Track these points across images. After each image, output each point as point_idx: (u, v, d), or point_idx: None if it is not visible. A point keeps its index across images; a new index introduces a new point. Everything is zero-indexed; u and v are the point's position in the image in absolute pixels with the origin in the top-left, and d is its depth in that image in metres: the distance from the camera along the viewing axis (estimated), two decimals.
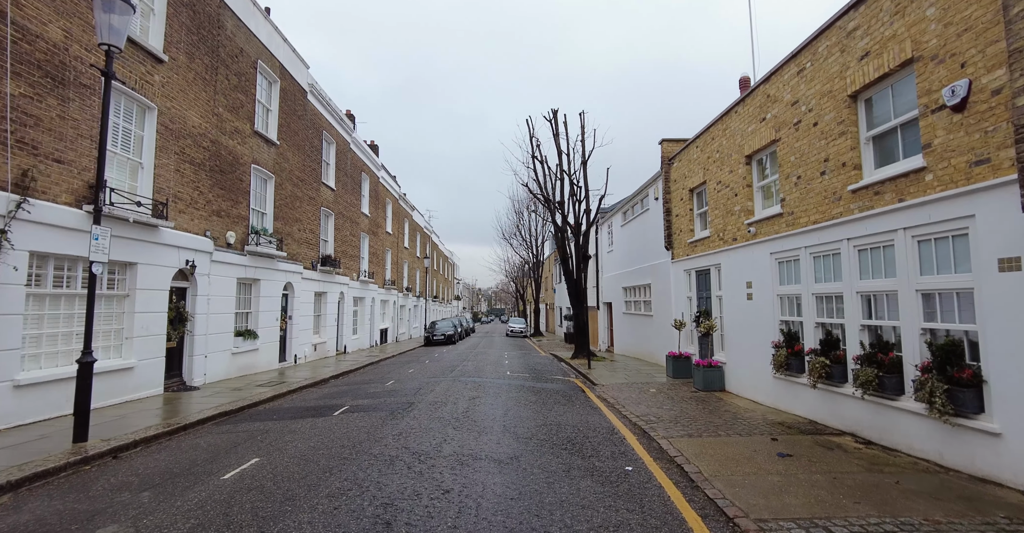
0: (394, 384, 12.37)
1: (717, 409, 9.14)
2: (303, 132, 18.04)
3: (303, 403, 10.00)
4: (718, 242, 11.59)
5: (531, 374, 14.48)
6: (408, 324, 37.67)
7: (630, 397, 10.44)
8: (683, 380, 12.67)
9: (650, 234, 16.58)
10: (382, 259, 29.25)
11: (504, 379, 13.19)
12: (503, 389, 11.27)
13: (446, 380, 12.85)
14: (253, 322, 14.74)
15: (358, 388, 11.91)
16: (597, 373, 14.23)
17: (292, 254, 17.01)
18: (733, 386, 10.84)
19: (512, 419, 8.01)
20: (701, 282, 12.74)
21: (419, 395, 10.39)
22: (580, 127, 18.32)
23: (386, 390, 11.32)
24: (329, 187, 20.66)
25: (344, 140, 22.62)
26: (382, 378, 13.88)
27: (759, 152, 10.03)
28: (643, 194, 17.49)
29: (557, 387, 12.04)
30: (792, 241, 8.64)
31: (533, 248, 41.55)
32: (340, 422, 7.88)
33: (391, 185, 31.78)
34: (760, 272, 9.71)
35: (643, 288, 17.68)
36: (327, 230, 20.86)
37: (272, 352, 15.60)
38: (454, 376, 13.74)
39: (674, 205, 14.47)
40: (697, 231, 13.20)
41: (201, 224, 11.99)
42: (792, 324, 8.87)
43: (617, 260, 21.13)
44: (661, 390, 11.28)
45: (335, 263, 20.49)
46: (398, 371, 15.66)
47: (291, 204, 17.00)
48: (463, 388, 11.40)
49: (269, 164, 15.40)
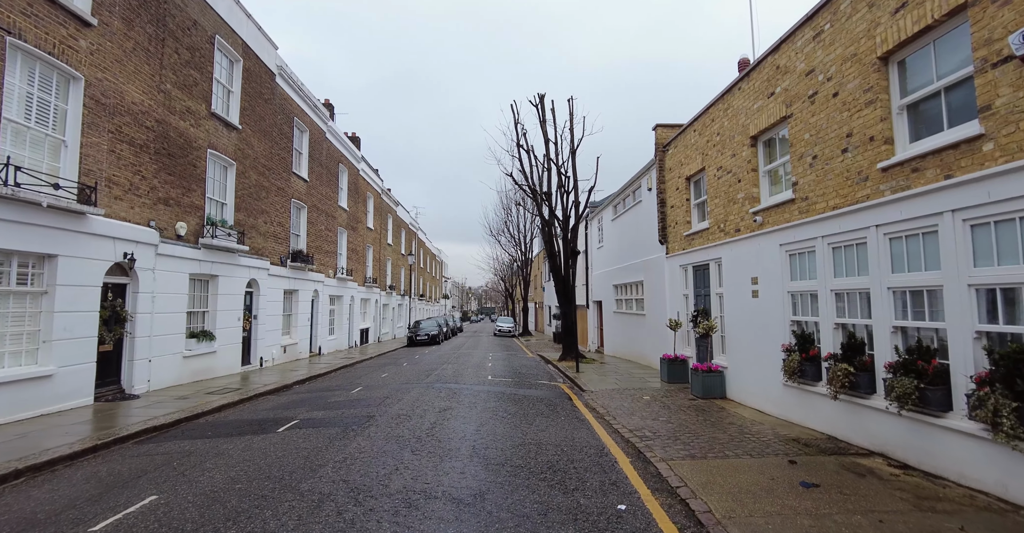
0: (361, 392, 11.17)
1: (720, 421, 8.06)
2: (270, 117, 16.74)
3: (251, 415, 8.79)
4: (719, 234, 10.53)
5: (514, 379, 13.35)
6: (392, 324, 36.38)
7: (622, 406, 9.35)
8: (679, 385, 11.61)
9: (643, 228, 15.51)
10: (362, 256, 27.96)
11: (484, 385, 12.05)
12: (480, 398, 10.13)
13: (419, 387, 11.68)
14: (210, 322, 13.46)
15: (320, 396, 10.71)
16: (586, 377, 13.14)
17: (257, 248, 15.72)
18: (736, 393, 9.78)
19: (485, 437, 6.86)
20: (699, 278, 11.68)
21: (384, 406, 9.21)
22: (569, 114, 17.20)
23: (349, 399, 10.12)
24: (301, 178, 19.37)
25: (319, 129, 21.32)
26: (351, 384, 12.68)
27: (767, 132, 8.96)
28: (635, 185, 16.41)
29: (541, 394, 10.92)
30: (806, 230, 7.58)
31: (521, 245, 40.41)
32: (281, 442, 6.69)
33: (373, 179, 30.47)
34: (767, 266, 8.65)
35: (635, 286, 16.61)
36: (299, 224, 19.56)
37: (233, 355, 14.33)
38: (429, 382, 12.57)
39: (669, 195, 13.41)
40: (694, 223, 12.14)
41: (144, 213, 10.70)
42: (805, 325, 7.82)
43: (607, 256, 20.06)
44: (656, 398, 10.20)
45: (307, 259, 19.20)
46: (370, 376, 14.45)
47: (256, 195, 15.71)
48: (436, 397, 10.24)
49: (230, 150, 14.11)
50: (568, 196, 17.26)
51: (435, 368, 16.01)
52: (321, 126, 21.53)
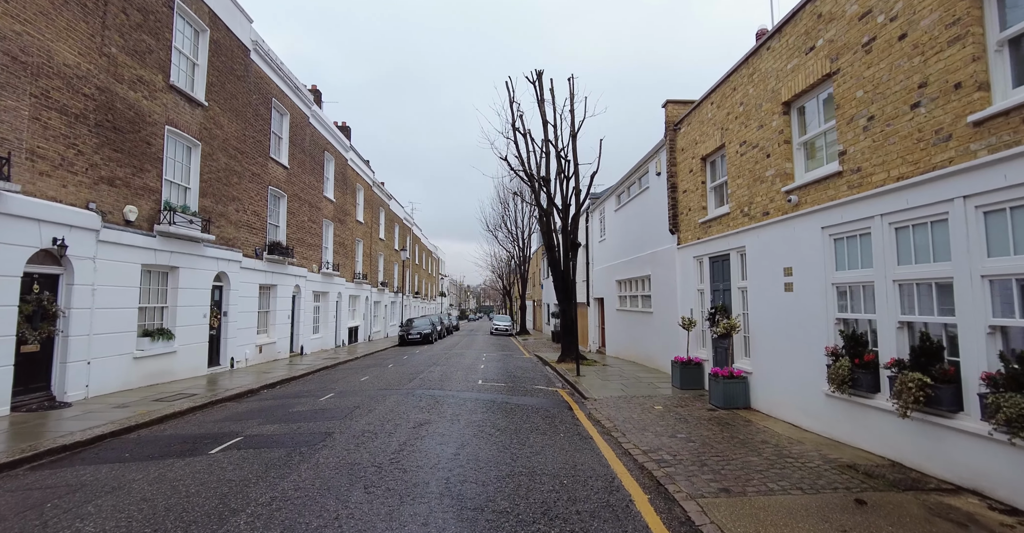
0: (331, 399, 9.80)
1: (750, 438, 6.70)
2: (244, 96, 15.33)
3: (193, 428, 7.41)
4: (742, 219, 9.16)
5: (508, 384, 11.97)
6: (384, 322, 35.01)
7: (631, 418, 7.99)
8: (693, 392, 10.26)
9: (650, 217, 14.13)
10: (351, 250, 26.56)
11: (472, 391, 10.67)
12: (466, 408, 8.75)
13: (398, 394, 10.30)
14: (170, 319, 12.07)
15: (282, 405, 9.33)
16: (588, 381, 11.77)
17: (227, 239, 14.33)
18: (762, 403, 8.43)
19: (464, 465, 5.48)
20: (717, 271, 10.31)
21: (350, 419, 7.83)
22: (569, 93, 15.78)
23: (314, 409, 8.75)
24: (280, 164, 17.96)
25: (301, 113, 19.90)
26: (323, 389, 11.31)
27: (804, 95, 7.59)
28: (642, 170, 15.03)
29: (538, 403, 9.55)
30: (859, 208, 6.22)
31: (519, 241, 39.03)
32: (206, 469, 5.32)
33: (363, 170, 29.06)
34: (805, 254, 7.29)
35: (641, 281, 15.24)
36: (278, 213, 18.16)
37: (198, 355, 12.94)
38: (411, 388, 11.19)
39: (681, 179, 12.02)
40: (711, 208, 10.77)
41: (81, 193, 9.31)
42: (855, 324, 6.46)
43: (610, 250, 18.68)
44: (669, 407, 8.84)
45: (287, 251, 17.80)
46: (348, 379, 13.08)
47: (226, 179, 14.31)
48: (414, 407, 8.86)
49: (193, 128, 12.71)
50: (568, 182, 15.84)
51: (422, 370, 14.64)
52: (303, 110, 20.11)
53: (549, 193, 16.16)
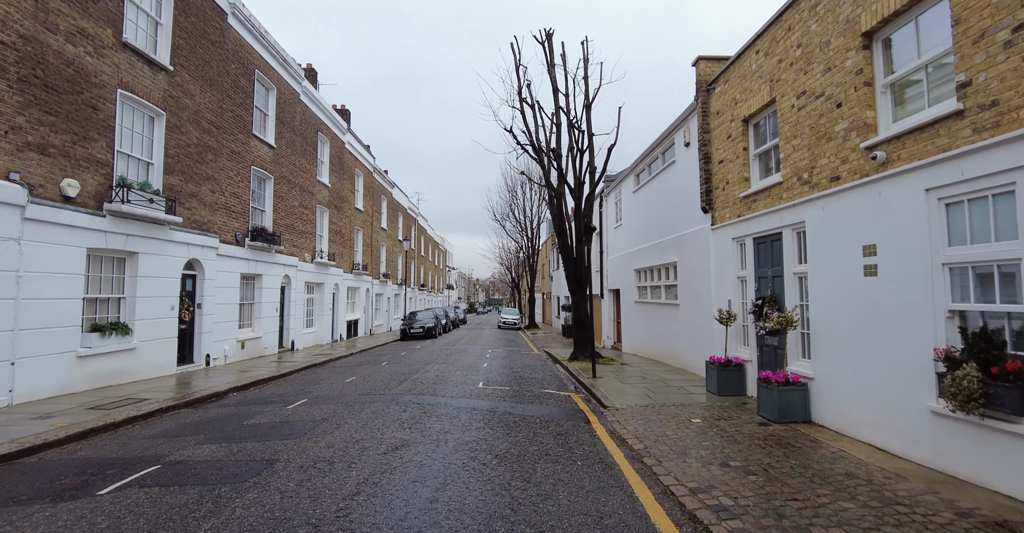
0: (300, 407, 8.24)
1: (829, 470, 5.02)
2: (220, 64, 13.75)
3: (108, 450, 5.88)
4: (799, 189, 7.41)
5: (512, 387, 10.34)
6: (387, 315, 33.58)
7: (665, 436, 6.33)
8: (733, 399, 8.57)
9: (677, 195, 12.37)
10: (349, 239, 25.03)
11: (470, 397, 9.06)
12: (459, 422, 7.12)
13: (381, 400, 8.71)
14: (128, 312, 10.59)
15: (239, 414, 7.79)
16: (606, 385, 10.12)
17: (200, 222, 12.81)
18: (828, 416, 6.72)
19: (443, 521, 3.84)
20: (764, 254, 8.57)
21: (309, 438, 6.23)
22: (583, 59, 13.96)
23: (273, 422, 7.19)
24: (265, 143, 16.39)
25: (290, 88, 18.30)
26: (299, 392, 9.77)
27: (896, 19, 5.81)
28: (666, 143, 13.25)
29: (548, 413, 7.92)
30: (993, 158, 4.48)
31: (527, 231, 37.28)
32: (67, 527, 3.75)
33: (362, 155, 27.46)
34: (898, 226, 5.55)
35: (665, 269, 13.51)
36: (263, 197, 16.62)
37: (164, 352, 11.47)
38: (398, 392, 9.60)
39: (716, 148, 10.25)
40: (755, 180, 9.01)
41: (1, 161, 7.79)
42: (985, 318, 4.72)
43: (628, 236, 16.93)
44: (710, 420, 7.16)
45: (273, 238, 16.28)
46: (332, 380, 11.53)
47: (199, 156, 12.77)
48: (394, 420, 7.25)
49: (155, 95, 11.15)
50: (582, 157, 14.03)
51: (417, 369, 13.06)
52: (293, 85, 18.51)
53: (560, 170, 14.37)
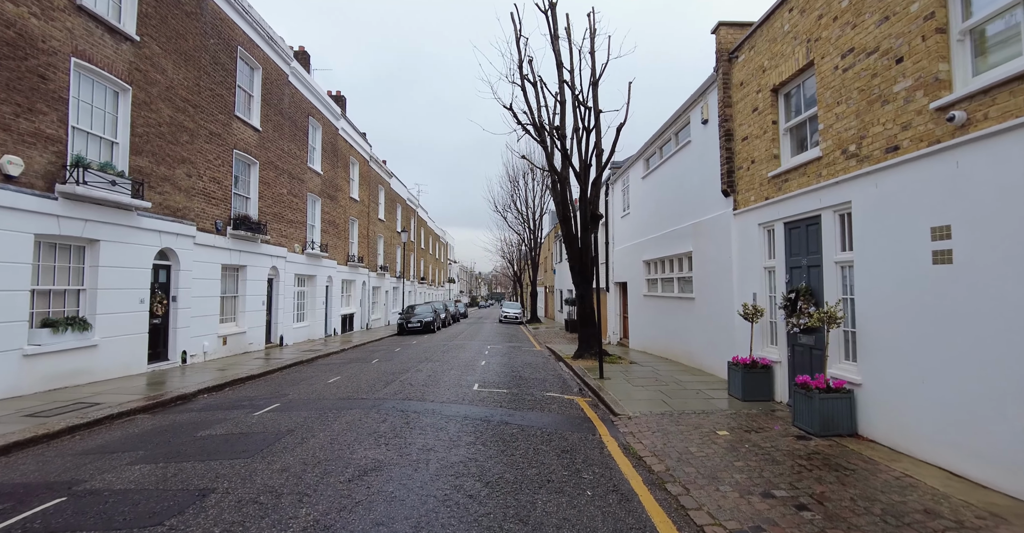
0: (267, 414, 7.27)
1: (902, 507, 4.02)
2: (196, 38, 12.70)
3: (18, 471, 4.91)
4: (844, 163, 6.35)
5: (511, 389, 9.34)
6: (385, 309, 32.62)
7: (689, 453, 5.33)
8: (760, 405, 7.56)
9: (692, 179, 11.30)
10: (344, 230, 24.02)
11: (462, 402, 8.07)
12: (446, 436, 6.09)
13: (361, 407, 7.72)
14: (88, 305, 9.63)
15: (196, 422, 6.83)
16: (615, 387, 9.12)
17: (174, 208, 11.82)
18: (882, 430, 5.70)
19: None
20: (798, 240, 7.52)
21: (262, 457, 5.22)
22: (589, 31, 12.83)
23: (230, 433, 6.21)
24: (250, 125, 15.35)
25: (277, 69, 17.23)
26: (273, 395, 8.81)
27: None
28: (680, 122, 12.16)
29: (550, 423, 6.92)
30: None
31: (530, 222, 36.19)
32: None
33: (358, 143, 26.38)
34: (983, 203, 4.51)
35: (678, 260, 12.46)
36: (247, 183, 15.59)
37: (131, 349, 10.52)
38: (382, 396, 8.61)
39: (740, 123, 9.17)
40: (786, 156, 7.94)
41: None
42: None
43: (636, 225, 15.87)
44: (738, 432, 6.16)
45: (258, 227, 15.28)
46: (314, 380, 10.57)
47: (173, 136, 11.75)
48: (369, 433, 6.24)
49: (119, 67, 10.12)
50: (588, 137, 12.89)
51: (409, 368, 12.08)
52: (280, 65, 17.42)
53: (565, 152, 13.24)
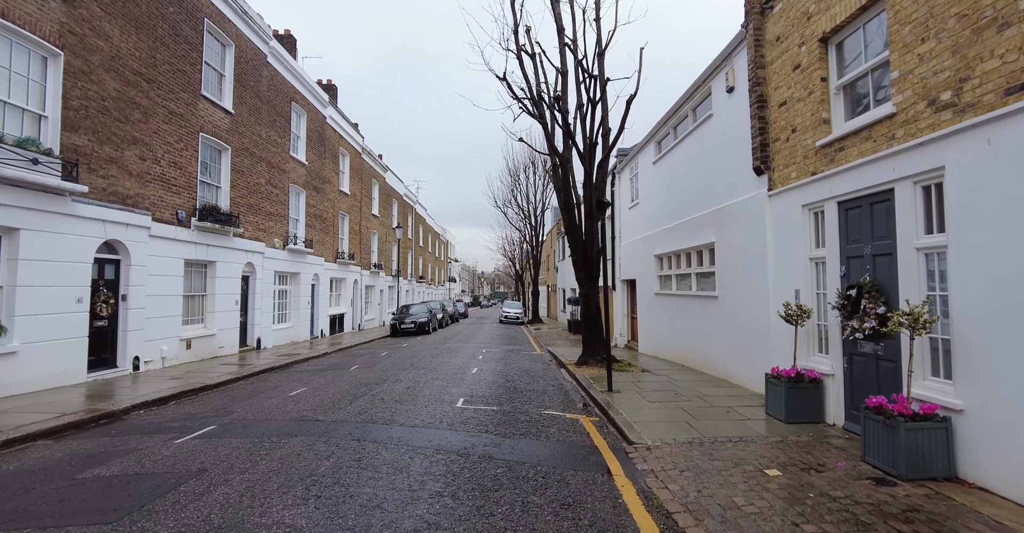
0: (189, 442, 5.81)
1: None
2: (151, 4, 11.25)
3: None
4: (933, 118, 4.83)
5: (503, 407, 7.82)
6: (380, 309, 31.17)
7: (734, 509, 3.83)
8: (808, 428, 6.05)
9: (713, 158, 9.78)
10: (332, 225, 22.58)
11: (439, 427, 6.55)
12: (406, 481, 4.56)
13: (310, 433, 6.23)
14: (4, 305, 8.20)
15: (95, 455, 5.39)
16: (627, 403, 7.61)
17: (123, 194, 10.39)
18: (994, 474, 4.19)
19: None
20: (857, 223, 5.99)
21: (128, 524, 3.75)
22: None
23: (117, 476, 4.76)
24: (220, 107, 13.91)
25: (254, 48, 15.77)
26: (215, 413, 7.35)
27: None
28: (698, 97, 10.63)
29: (546, 456, 5.42)
30: None
31: (531, 219, 34.68)
32: None
33: (348, 133, 24.93)
34: None
35: (697, 253, 10.94)
36: (218, 170, 14.15)
37: (66, 356, 9.10)
38: (342, 417, 7.10)
39: (776, 86, 7.64)
40: (839, 120, 6.42)
41: None
42: None
43: (646, 216, 14.36)
44: (797, 475, 4.64)
45: (229, 219, 13.85)
46: (274, 393, 9.11)
47: (119, 113, 10.32)
48: (304, 476, 4.72)
49: (46, 28, 8.69)
50: (594, 110, 11.30)
51: (387, 377, 10.60)
52: (258, 44, 15.97)
53: (567, 128, 11.60)
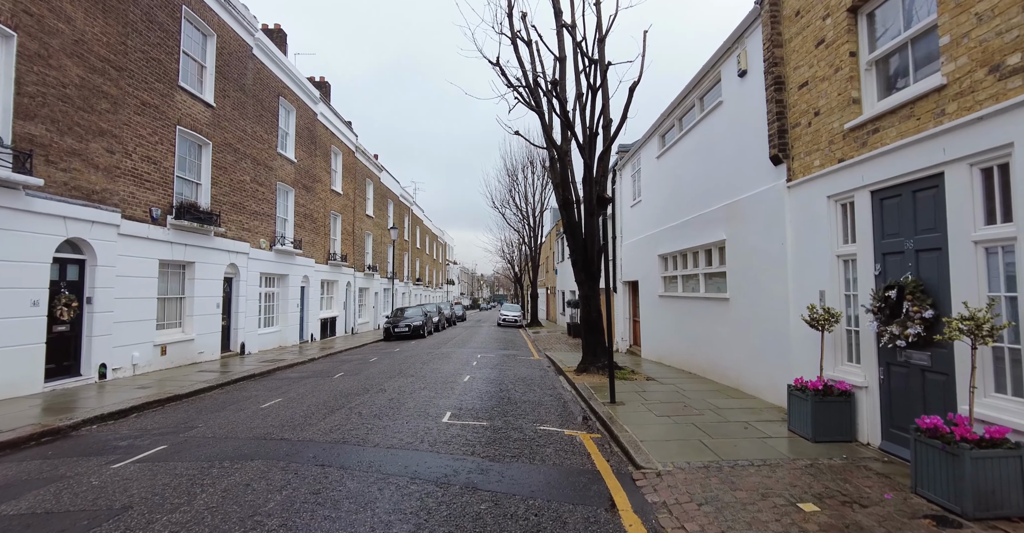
0: (129, 467, 5.06)
1: None
2: None
3: None
4: (997, 87, 4.10)
5: (494, 422, 7.04)
6: (375, 312, 30.41)
7: None
8: (838, 447, 5.29)
9: (724, 149, 9.05)
10: (323, 225, 21.83)
11: (419, 448, 5.77)
12: (367, 522, 3.79)
13: (270, 456, 5.45)
14: None
15: (18, 482, 4.65)
16: (632, 418, 6.85)
17: (88, 189, 9.66)
18: None
19: None
20: (896, 215, 5.24)
21: None
22: None
23: (19, 515, 4.01)
24: (200, 99, 13.18)
25: (237, 38, 15.06)
26: (173, 428, 6.59)
27: None
28: (705, 84, 9.90)
29: (540, 486, 4.65)
30: None
31: (529, 219, 33.94)
32: None
33: (341, 131, 24.22)
34: None
35: (705, 252, 10.20)
36: (197, 166, 13.41)
37: (22, 364, 8.35)
38: (310, 436, 6.32)
39: (796, 66, 6.91)
40: (871, 99, 5.68)
41: None
42: None
43: (649, 215, 13.62)
44: (836, 509, 3.89)
45: (209, 218, 13.11)
46: (245, 405, 8.36)
47: (83, 101, 9.60)
48: (245, 513, 3.91)
49: None
50: (594, 97, 10.48)
51: (371, 387, 9.84)
52: (242, 35, 15.26)
53: (566, 117, 10.78)
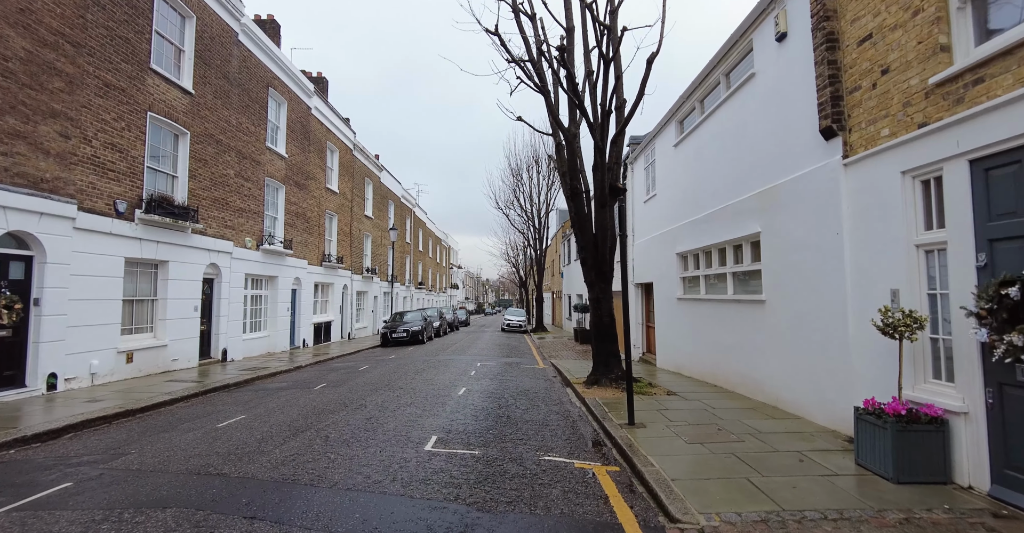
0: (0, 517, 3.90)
1: None
2: None
3: None
4: None
5: (487, 451, 5.81)
6: (373, 316, 29.29)
7: None
8: (929, 491, 4.06)
9: (756, 129, 7.85)
10: (318, 225, 20.77)
11: (386, 491, 4.54)
12: None
13: (190, 503, 4.30)
14: None
15: None
16: (657, 446, 5.65)
17: (34, 177, 8.60)
18: None
19: None
20: (1002, 191, 4.02)
21: None
22: None
23: None
24: (177, 85, 12.15)
25: (219, 21, 14.05)
26: (104, 453, 5.46)
27: None
28: (732, 58, 8.72)
29: None
30: None
31: (535, 221, 32.76)
32: None
33: (338, 127, 23.21)
34: None
35: (733, 248, 8.99)
36: (173, 157, 12.35)
37: None
38: (252, 472, 5.11)
39: (855, 16, 5.70)
40: (966, 46, 4.47)
41: None
42: None
43: (665, 209, 12.42)
44: None
45: (186, 213, 12.04)
46: (204, 421, 7.21)
47: (30, 78, 8.57)
48: None
49: None
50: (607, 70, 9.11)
51: (351, 401, 8.67)
52: (226, 19, 14.24)
53: (574, 92, 9.49)
